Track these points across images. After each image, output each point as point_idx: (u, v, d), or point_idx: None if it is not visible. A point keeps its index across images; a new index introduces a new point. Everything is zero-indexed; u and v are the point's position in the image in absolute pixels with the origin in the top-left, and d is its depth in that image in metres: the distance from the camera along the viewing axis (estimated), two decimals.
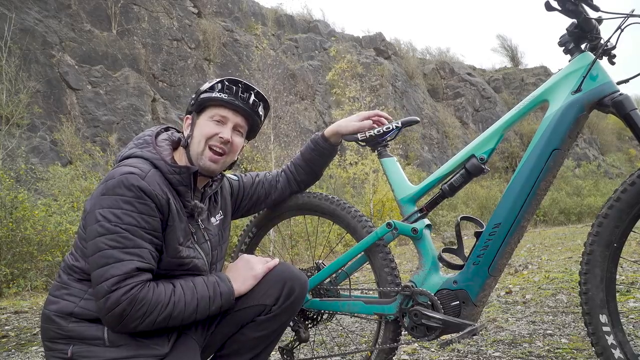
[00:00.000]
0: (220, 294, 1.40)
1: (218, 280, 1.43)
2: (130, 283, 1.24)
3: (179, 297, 1.33)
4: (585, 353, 2.11)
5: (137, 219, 1.28)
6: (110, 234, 1.26)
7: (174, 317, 1.32)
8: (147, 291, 1.26)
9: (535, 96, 1.51)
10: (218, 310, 1.41)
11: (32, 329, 3.74)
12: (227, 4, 25.04)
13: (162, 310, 1.29)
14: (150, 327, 1.29)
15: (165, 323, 1.31)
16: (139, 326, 1.28)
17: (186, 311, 1.33)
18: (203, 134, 1.48)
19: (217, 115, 1.49)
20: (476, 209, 21.01)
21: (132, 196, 1.29)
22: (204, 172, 1.50)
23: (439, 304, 1.55)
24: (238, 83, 1.53)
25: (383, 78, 26.97)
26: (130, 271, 1.25)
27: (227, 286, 1.43)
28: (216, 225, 1.61)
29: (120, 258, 1.25)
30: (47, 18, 16.66)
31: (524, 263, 5.57)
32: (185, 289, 1.36)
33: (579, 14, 1.38)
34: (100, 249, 1.26)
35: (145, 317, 1.27)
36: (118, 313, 1.24)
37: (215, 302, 1.39)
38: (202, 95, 1.50)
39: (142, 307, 1.25)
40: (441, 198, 1.62)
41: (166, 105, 18.60)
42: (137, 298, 1.24)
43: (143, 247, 1.29)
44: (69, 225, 7.95)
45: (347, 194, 16.64)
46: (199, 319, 1.39)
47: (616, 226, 1.33)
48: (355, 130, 1.76)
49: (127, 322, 1.26)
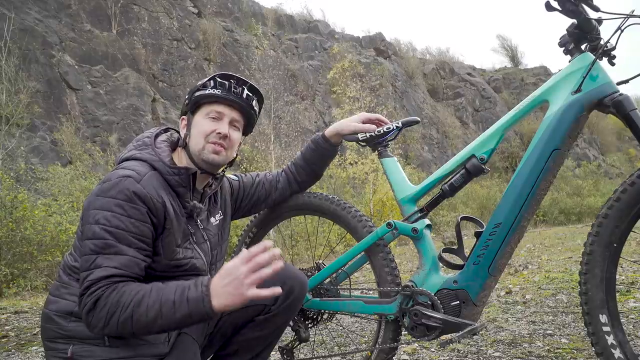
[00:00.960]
0: (187, 299, 1.20)
1: (191, 284, 1.22)
2: (98, 285, 1.22)
3: (141, 298, 1.20)
4: (585, 353, 2.11)
5: (126, 223, 1.27)
6: (95, 239, 1.25)
7: (136, 320, 1.20)
8: (112, 291, 1.22)
9: (535, 96, 1.51)
10: (188, 320, 1.21)
11: (32, 329, 3.74)
12: (227, 4, 25.05)
13: (122, 310, 1.20)
14: (115, 330, 1.21)
15: (129, 327, 1.20)
16: (105, 328, 1.21)
17: (148, 315, 1.19)
18: (201, 132, 1.47)
19: (213, 112, 1.48)
20: (476, 209, 21.01)
21: (124, 199, 1.28)
22: (207, 167, 1.48)
23: (439, 304, 1.55)
24: (230, 78, 1.51)
25: (383, 78, 26.97)
26: (102, 277, 1.22)
27: (198, 291, 1.20)
28: (216, 226, 1.61)
29: (99, 264, 1.23)
30: (47, 18, 16.66)
31: (524, 263, 5.57)
32: (153, 291, 1.22)
33: (579, 15, 1.38)
34: (86, 253, 1.26)
35: (108, 319, 1.20)
36: (85, 314, 1.23)
37: (180, 309, 1.19)
38: (196, 94, 1.49)
39: (104, 307, 1.20)
40: (441, 198, 1.62)
41: (166, 105, 18.61)
42: (100, 298, 1.21)
43: (125, 253, 1.26)
44: (68, 225, 7.97)
45: (347, 194, 16.65)
46: (169, 327, 1.23)
47: (616, 226, 1.33)
48: (356, 131, 1.77)
49: (94, 322, 1.22)
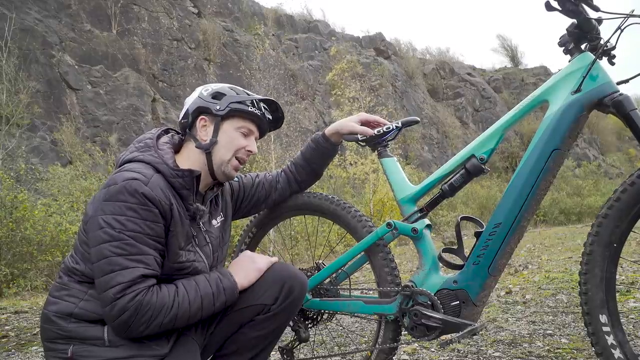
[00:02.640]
0: (223, 289, 1.40)
1: (220, 276, 1.43)
2: (135, 290, 1.25)
3: (182, 297, 1.33)
4: (585, 353, 2.11)
5: (141, 226, 1.28)
6: (114, 241, 1.26)
7: (179, 318, 1.32)
8: (152, 296, 1.27)
9: (535, 96, 1.51)
10: (223, 306, 1.41)
11: (32, 329, 3.74)
12: (227, 4, 25.04)
13: (167, 312, 1.29)
14: (157, 330, 1.30)
15: (171, 325, 1.31)
16: (146, 331, 1.28)
17: (191, 310, 1.33)
18: (233, 145, 1.51)
19: (245, 128, 1.53)
20: (476, 209, 21.00)
21: (136, 202, 1.28)
22: (223, 178, 1.54)
23: (438, 304, 1.55)
24: (271, 104, 1.62)
25: (383, 78, 26.96)
26: (135, 278, 1.25)
27: (230, 281, 1.42)
28: (217, 228, 1.61)
29: (126, 265, 1.25)
30: (47, 18, 16.66)
31: (524, 263, 5.56)
32: (188, 288, 1.36)
33: (579, 14, 1.38)
34: (105, 256, 1.26)
35: (151, 322, 1.27)
36: (125, 320, 1.25)
37: (219, 298, 1.39)
38: (235, 105, 1.50)
39: (147, 311, 1.26)
40: (441, 198, 1.62)
41: (166, 105, 18.60)
42: (142, 303, 1.25)
43: (147, 253, 1.29)
44: (68, 225, 7.97)
45: (347, 194, 16.64)
46: (205, 316, 1.39)
47: (616, 226, 1.33)
48: (354, 132, 1.76)
49: (134, 327, 1.27)
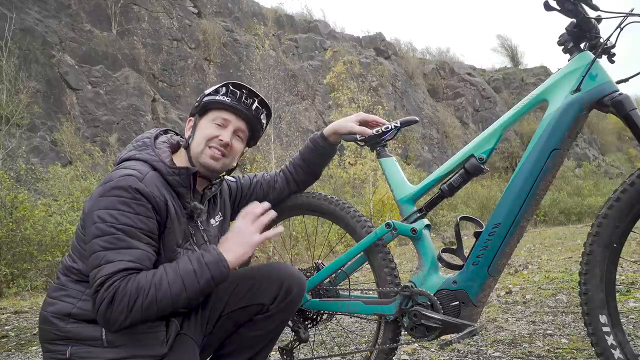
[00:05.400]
0: (206, 264, 1.29)
1: (202, 252, 1.33)
2: (113, 279, 1.22)
3: (160, 278, 1.25)
4: (585, 353, 2.11)
5: (134, 220, 1.28)
6: (104, 235, 1.25)
7: (160, 300, 1.24)
8: (127, 282, 1.22)
9: (534, 96, 1.51)
10: (211, 284, 1.30)
11: (32, 329, 3.74)
12: (227, 4, 25.03)
13: (144, 296, 1.22)
14: (139, 316, 1.23)
15: (154, 309, 1.24)
16: (128, 318, 1.22)
17: (172, 291, 1.25)
18: (203, 136, 1.50)
19: (219, 118, 1.51)
20: (476, 209, 20.98)
21: (129, 197, 1.28)
22: (204, 171, 1.51)
23: (438, 305, 1.55)
24: (242, 88, 1.54)
25: (383, 78, 26.95)
26: (117, 271, 1.23)
27: (213, 255, 1.31)
28: (215, 227, 1.62)
29: (111, 259, 1.24)
30: (47, 18, 16.65)
31: (524, 263, 5.56)
32: (168, 268, 1.28)
33: (578, 14, 1.38)
34: (95, 251, 1.26)
35: (130, 307, 1.22)
36: (103, 310, 1.22)
37: (203, 275, 1.28)
38: (206, 98, 1.52)
39: (123, 298, 1.21)
40: (440, 198, 1.62)
41: (166, 105, 18.59)
42: (118, 290, 1.21)
43: (136, 247, 1.28)
44: (69, 225, 7.96)
45: (347, 194, 16.63)
46: (193, 297, 1.30)
47: (616, 226, 1.32)
48: (352, 132, 1.76)
49: (114, 316, 1.22)
